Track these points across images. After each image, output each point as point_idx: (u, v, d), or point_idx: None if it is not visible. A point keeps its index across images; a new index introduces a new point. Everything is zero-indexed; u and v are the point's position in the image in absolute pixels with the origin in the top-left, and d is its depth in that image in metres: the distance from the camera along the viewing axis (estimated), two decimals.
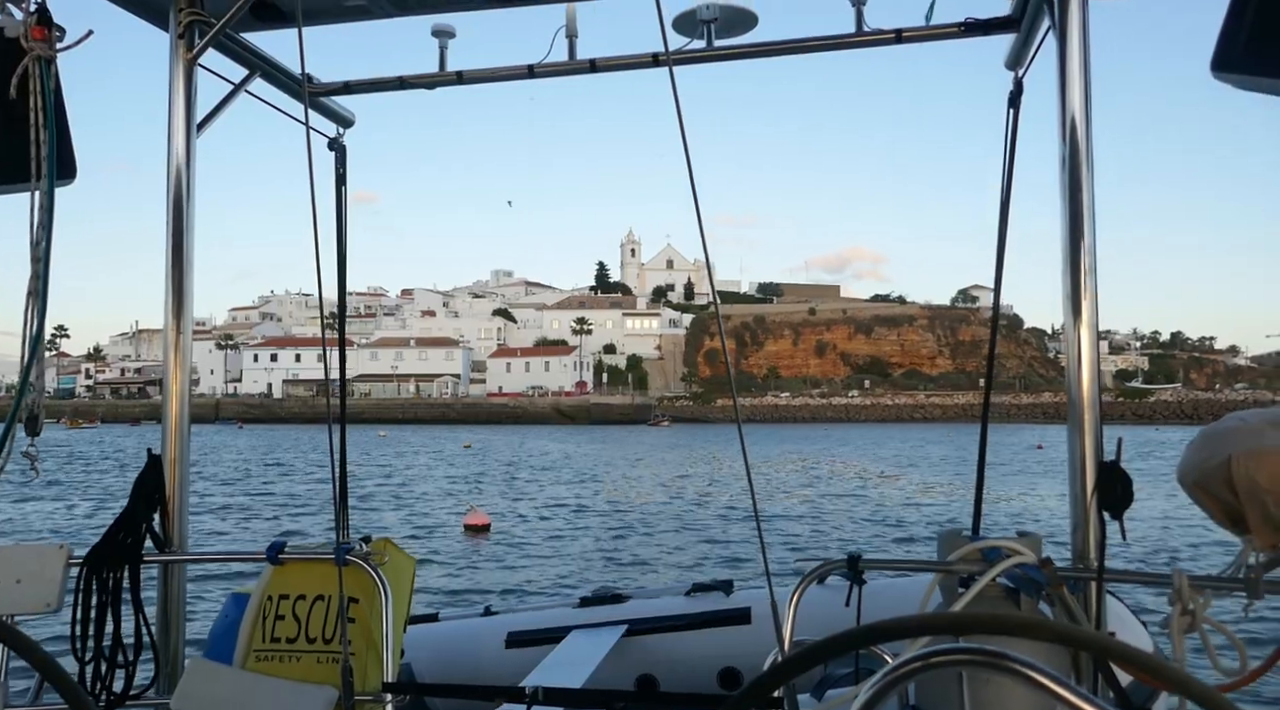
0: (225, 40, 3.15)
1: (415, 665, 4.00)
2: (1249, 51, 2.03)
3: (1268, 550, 2.02)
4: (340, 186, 3.48)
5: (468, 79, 3.26)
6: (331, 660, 2.81)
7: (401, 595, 2.99)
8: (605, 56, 3.10)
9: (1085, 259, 2.36)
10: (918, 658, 0.97)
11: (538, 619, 4.47)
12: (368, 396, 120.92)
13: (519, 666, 3.87)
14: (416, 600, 3.33)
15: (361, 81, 3.41)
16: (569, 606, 4.54)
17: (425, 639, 4.31)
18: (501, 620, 4.51)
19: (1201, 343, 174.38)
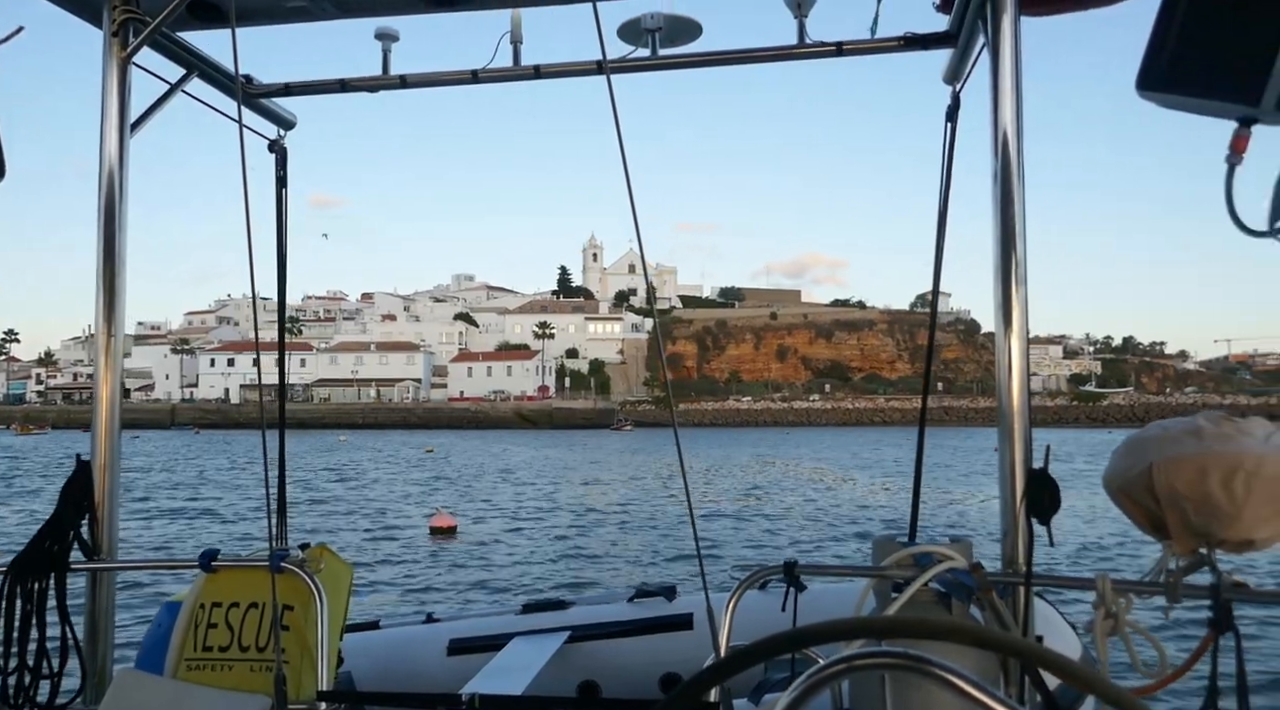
0: (161, 39, 3.06)
1: (355, 673, 3.94)
2: (1171, 72, 2.11)
3: (1186, 555, 2.12)
4: (281, 188, 3.42)
5: (411, 83, 3.20)
6: (265, 669, 2.77)
7: (338, 602, 2.95)
8: (549, 63, 3.07)
9: (1016, 269, 2.39)
10: (840, 661, 0.98)
11: (480, 626, 4.44)
12: (327, 401, 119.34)
13: (460, 674, 3.85)
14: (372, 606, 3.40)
15: (302, 83, 3.34)
16: (511, 614, 4.52)
17: (365, 647, 4.26)
18: (443, 627, 4.47)
19: (1152, 348, 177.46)
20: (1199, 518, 2.03)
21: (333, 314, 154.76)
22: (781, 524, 21.77)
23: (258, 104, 3.41)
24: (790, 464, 44.55)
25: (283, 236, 3.37)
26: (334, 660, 2.82)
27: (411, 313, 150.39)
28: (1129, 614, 2.16)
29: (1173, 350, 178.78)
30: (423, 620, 4.63)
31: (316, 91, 3.32)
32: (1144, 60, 2.15)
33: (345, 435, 79.29)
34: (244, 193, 2.42)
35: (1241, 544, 2.04)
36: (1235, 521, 2.00)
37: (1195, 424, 2.12)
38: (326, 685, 2.71)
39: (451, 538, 19.17)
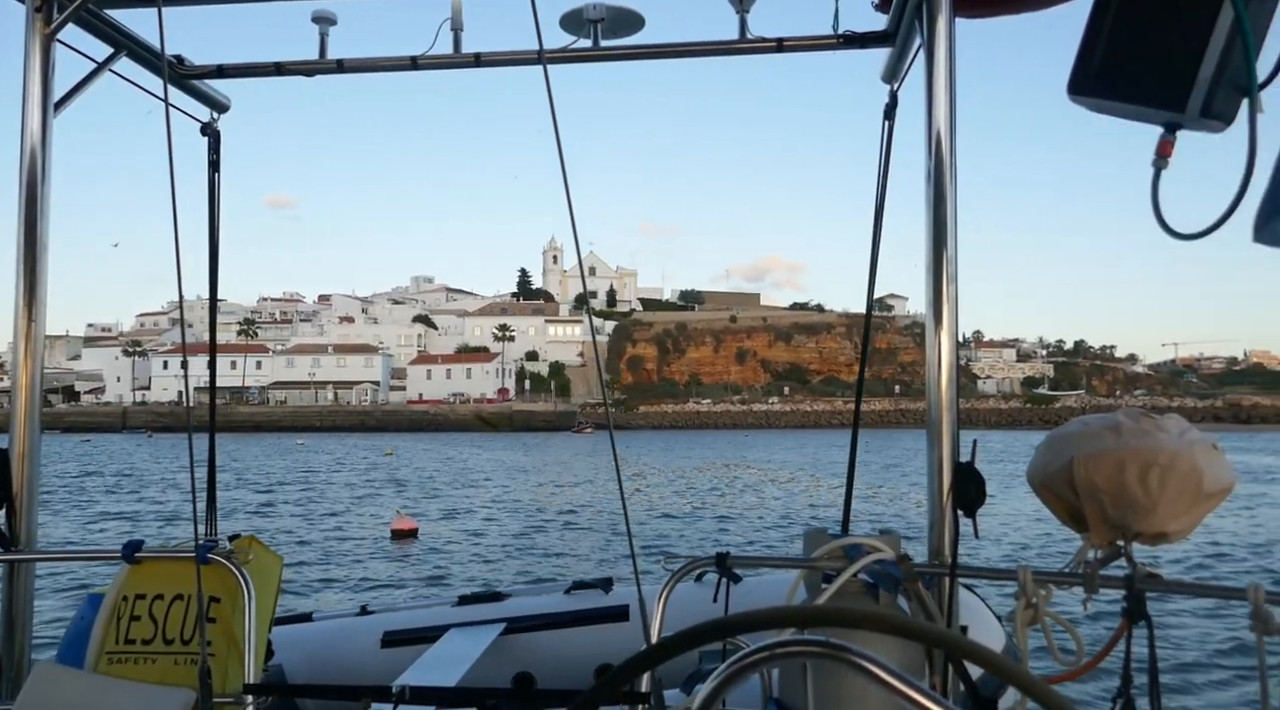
0: (87, 16, 2.98)
1: (287, 666, 3.91)
2: (1100, 77, 2.17)
3: (1104, 547, 2.18)
4: (214, 173, 3.34)
5: (348, 68, 3.14)
6: (190, 661, 2.72)
7: (267, 594, 2.91)
8: (490, 51, 3.04)
9: (947, 266, 2.43)
10: (761, 649, 0.99)
11: (415, 618, 4.42)
12: (284, 404, 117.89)
13: (394, 666, 3.82)
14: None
15: (236, 65, 3.26)
16: (447, 605, 4.50)
17: (298, 639, 4.23)
18: (377, 619, 4.44)
19: (1103, 351, 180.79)
20: (1116, 511, 2.11)
21: (289, 316, 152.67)
22: (733, 522, 22.06)
23: (189, 86, 3.32)
24: (746, 465, 44.85)
25: (215, 222, 3.32)
26: (262, 653, 2.79)
27: (370, 315, 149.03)
28: (1049, 604, 2.23)
29: (1123, 353, 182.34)
30: (356, 612, 4.60)
31: (251, 74, 3.25)
32: (1074, 65, 2.22)
33: (303, 439, 78.37)
34: (170, 176, 2.36)
35: (1156, 536, 2.12)
36: (1150, 514, 2.08)
37: (1114, 420, 2.19)
38: (254, 678, 2.69)
39: (413, 540, 19.10)
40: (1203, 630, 10.02)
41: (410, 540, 19.11)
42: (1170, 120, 2.11)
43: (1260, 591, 1.97)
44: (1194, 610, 10.45)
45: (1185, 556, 16.27)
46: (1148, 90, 2.09)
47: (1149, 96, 2.10)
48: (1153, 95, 2.09)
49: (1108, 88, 2.15)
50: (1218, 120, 2.06)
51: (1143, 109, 2.13)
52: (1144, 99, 2.11)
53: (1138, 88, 2.11)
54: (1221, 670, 8.74)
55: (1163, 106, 2.09)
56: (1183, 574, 14.62)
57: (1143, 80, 2.10)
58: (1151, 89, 2.09)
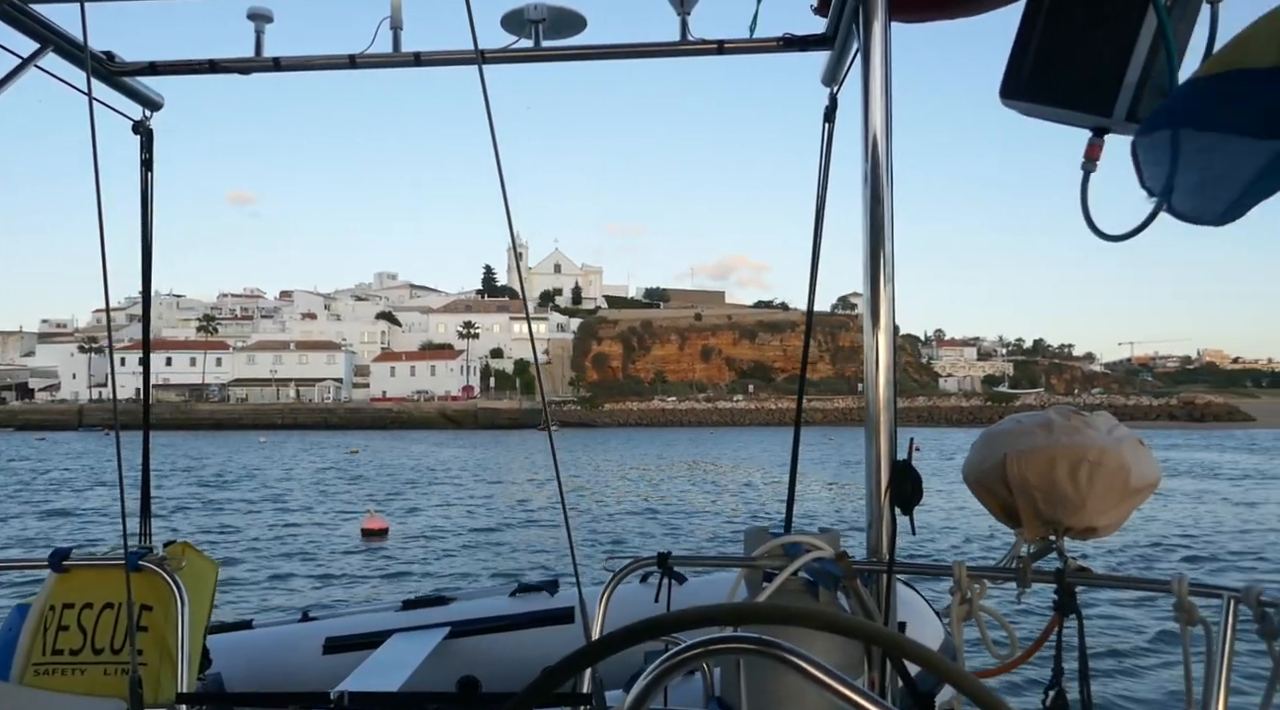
0: (11, 10, 2.89)
1: (226, 675, 3.83)
2: (1030, 82, 2.22)
3: (1036, 542, 2.23)
4: (146, 172, 3.26)
5: (285, 66, 3.09)
6: (121, 671, 2.66)
7: (201, 602, 2.86)
8: (430, 50, 2.99)
9: (884, 267, 2.44)
10: (691, 647, 0.99)
11: (357, 623, 4.37)
12: (245, 401, 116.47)
13: (336, 673, 3.78)
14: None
15: (169, 62, 3.18)
16: (391, 610, 4.47)
17: (238, 647, 4.17)
18: (319, 625, 4.39)
19: (1061, 350, 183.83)
20: (1047, 506, 2.16)
21: (250, 312, 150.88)
22: (693, 520, 22.17)
23: (120, 83, 3.25)
24: (710, 463, 45.01)
25: (148, 222, 3.25)
26: (196, 661, 2.74)
27: (332, 311, 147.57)
28: (983, 599, 2.27)
29: (1080, 352, 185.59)
30: (298, 619, 4.54)
31: (184, 71, 3.18)
32: (1006, 70, 2.27)
33: (265, 437, 77.44)
34: (95, 173, 2.33)
35: (1086, 531, 2.18)
36: (1080, 510, 2.14)
37: (1046, 418, 2.24)
38: (187, 687, 2.64)
39: (383, 539, 18.99)
40: (1136, 621, 10.28)
41: (381, 539, 19.00)
42: (1098, 124, 2.16)
43: (1183, 583, 2.03)
44: (1131, 601, 10.69)
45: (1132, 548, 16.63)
46: (1075, 95, 2.15)
47: (1077, 101, 2.15)
48: (1080, 100, 2.15)
49: (1037, 92, 2.21)
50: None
51: (1071, 113, 2.18)
52: (1072, 103, 2.16)
53: (1066, 92, 2.16)
54: (1153, 658, 9.00)
55: (1090, 111, 2.14)
56: (1138, 568, 14.94)
57: (1071, 85, 2.15)
58: (1079, 94, 2.14)
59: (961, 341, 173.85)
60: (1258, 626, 1.90)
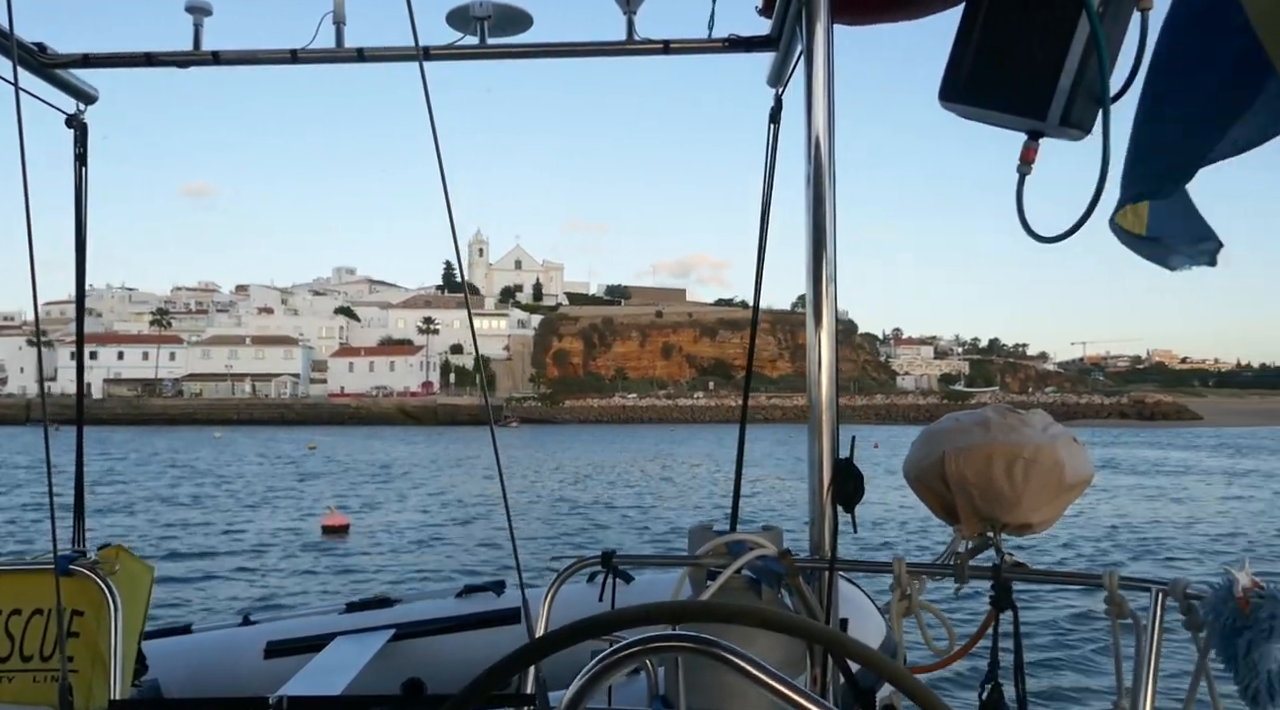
0: None
1: (164, 680, 3.74)
2: (968, 85, 2.24)
3: (974, 538, 2.25)
4: (81, 166, 3.17)
5: (224, 60, 3.00)
6: (50, 679, 2.61)
7: (135, 606, 2.80)
8: (373, 46, 2.94)
9: (826, 268, 2.44)
10: (628, 646, 0.98)
11: (300, 626, 4.31)
12: (199, 396, 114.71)
13: (278, 677, 3.71)
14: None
15: (103, 54, 3.07)
16: (334, 612, 4.40)
17: (176, 652, 4.08)
18: (260, 629, 4.32)
19: (1016, 349, 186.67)
20: (984, 503, 2.19)
21: (205, 306, 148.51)
22: (649, 516, 22.23)
23: (52, 75, 3.14)
24: (669, 460, 45.17)
25: (82, 217, 3.17)
26: (129, 667, 2.68)
27: (289, 306, 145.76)
28: (925, 595, 2.30)
29: (1034, 352, 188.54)
30: (239, 622, 4.48)
31: (120, 64, 3.09)
32: (945, 73, 2.30)
33: (220, 432, 76.28)
34: (22, 169, 2.26)
35: (1021, 527, 2.21)
36: (1016, 506, 2.17)
37: (984, 416, 2.27)
38: (120, 694, 2.58)
39: (344, 536, 18.81)
40: (1073, 614, 10.55)
41: (342, 536, 18.82)
42: (1033, 128, 2.20)
43: (1114, 577, 2.07)
44: (1068, 596, 10.93)
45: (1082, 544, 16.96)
46: (1011, 99, 2.18)
47: (1012, 105, 2.19)
48: (1016, 104, 2.18)
49: (975, 96, 2.23)
50: (1077, 129, 2.16)
51: (1007, 117, 2.22)
52: (1008, 107, 2.20)
53: (1002, 96, 2.20)
54: (1087, 650, 9.24)
55: (1025, 115, 2.18)
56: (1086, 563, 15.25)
57: (1007, 89, 2.18)
58: (1015, 98, 2.18)
59: (919, 340, 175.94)
60: (1184, 618, 1.95)
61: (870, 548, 16.27)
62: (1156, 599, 1.98)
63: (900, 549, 16.04)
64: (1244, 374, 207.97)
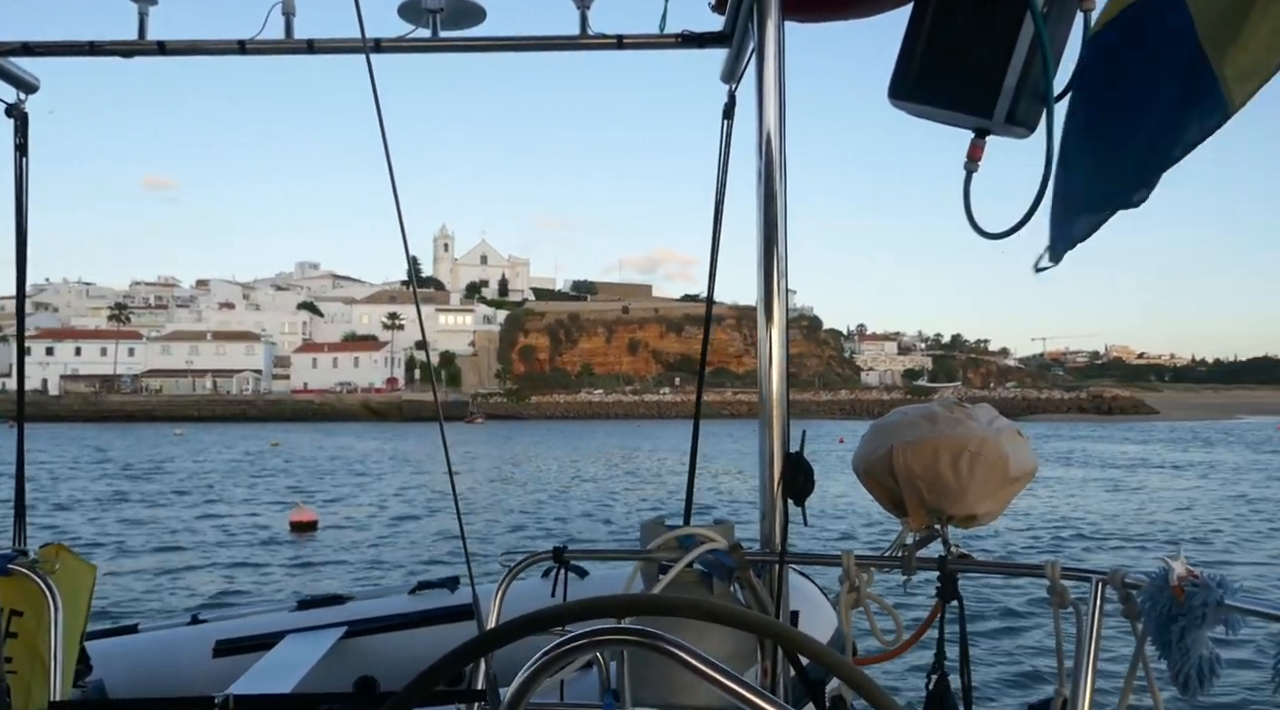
0: None
1: (109, 681, 3.68)
2: (917, 83, 2.26)
3: (921, 530, 2.28)
4: (21, 157, 3.11)
5: (170, 50, 2.95)
6: None
7: (77, 606, 2.77)
8: (324, 38, 2.90)
9: (778, 264, 2.44)
10: (571, 640, 0.98)
11: (249, 625, 4.26)
12: (159, 393, 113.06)
13: (227, 676, 3.66)
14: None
15: (45, 43, 3.01)
16: (285, 610, 4.36)
17: (122, 652, 4.02)
18: (209, 628, 4.26)
19: (978, 345, 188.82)
20: (931, 496, 2.22)
21: (165, 301, 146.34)
22: (610, 510, 22.30)
23: None
24: (634, 455, 45.25)
25: (23, 209, 3.11)
26: (71, 668, 2.65)
27: (251, 301, 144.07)
28: (872, 587, 2.33)
29: (996, 347, 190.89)
30: (187, 621, 4.41)
31: (62, 53, 3.04)
32: (894, 71, 2.31)
33: (181, 428, 75.20)
34: None
35: (967, 519, 2.25)
36: (962, 498, 2.21)
37: (930, 410, 2.30)
38: (61, 695, 2.55)
39: (313, 532, 18.66)
40: (1018, 604, 10.73)
41: (310, 532, 18.68)
42: (979, 126, 2.23)
43: (1056, 568, 2.12)
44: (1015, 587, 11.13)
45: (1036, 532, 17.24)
46: (958, 97, 2.21)
47: (959, 103, 2.22)
48: (963, 102, 2.21)
49: (923, 93, 2.26)
50: (1022, 127, 2.20)
51: (954, 114, 2.25)
52: (955, 105, 2.23)
53: (949, 94, 2.22)
54: (1030, 639, 9.46)
55: (971, 113, 2.21)
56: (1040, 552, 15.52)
57: (954, 87, 2.21)
58: (962, 96, 2.21)
59: (883, 336, 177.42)
60: (1123, 607, 1.99)
61: (833, 540, 16.45)
62: (1096, 588, 2.02)
63: (863, 541, 16.19)
64: (1198, 369, 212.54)
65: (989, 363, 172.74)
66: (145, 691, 3.80)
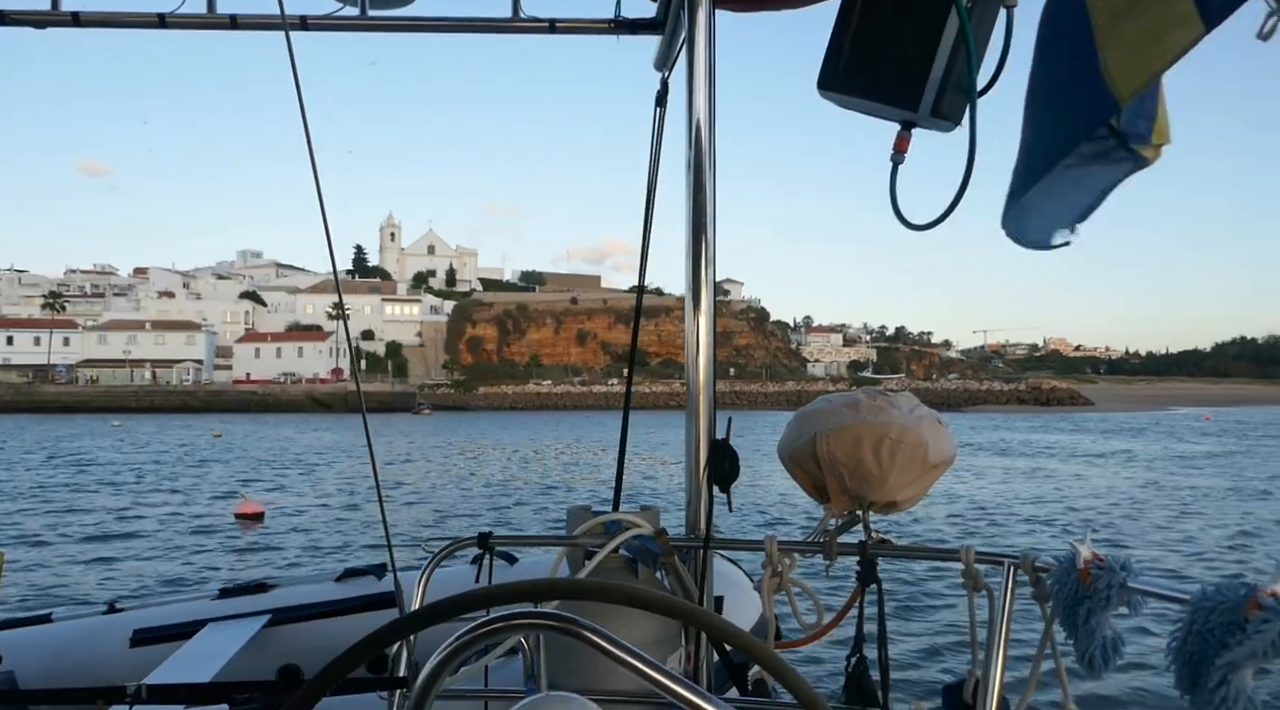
0: None
1: (21, 672, 3.65)
2: (845, 75, 2.29)
3: (842, 516, 2.32)
4: None
5: (85, 21, 2.87)
6: None
7: None
8: (247, 13, 2.85)
9: (706, 252, 2.45)
10: (483, 625, 0.98)
11: (169, 614, 4.20)
12: (96, 383, 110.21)
13: (144, 666, 3.61)
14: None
15: None
16: (206, 599, 4.32)
17: (35, 642, 3.95)
18: (126, 617, 4.19)
19: (921, 337, 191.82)
20: (853, 482, 2.26)
21: (101, 289, 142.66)
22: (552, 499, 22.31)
23: None
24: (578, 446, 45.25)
25: None
26: None
27: (192, 290, 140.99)
28: (795, 572, 2.37)
29: (938, 340, 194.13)
30: (103, 610, 4.33)
31: None
32: (823, 62, 2.34)
33: (119, 419, 73.41)
34: None
35: (888, 505, 2.29)
36: (882, 485, 2.25)
37: (854, 398, 2.34)
38: None
39: (259, 523, 18.44)
40: (937, 589, 11.01)
41: (257, 523, 18.46)
42: (905, 118, 2.26)
43: (970, 552, 2.16)
44: (937, 572, 11.40)
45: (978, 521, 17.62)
46: (884, 90, 2.24)
47: (886, 95, 2.25)
48: (889, 94, 2.24)
49: (850, 85, 2.29)
50: (947, 121, 2.23)
51: (881, 107, 2.28)
52: (881, 97, 2.26)
53: (876, 86, 2.25)
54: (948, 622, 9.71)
55: (898, 105, 2.24)
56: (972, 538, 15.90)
57: (881, 80, 2.24)
58: (887, 89, 2.23)
59: (829, 328, 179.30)
60: (1033, 590, 2.05)
61: (772, 526, 16.65)
62: (1008, 572, 2.07)
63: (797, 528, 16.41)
64: (1132, 361, 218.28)
65: (932, 355, 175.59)
66: (59, 683, 3.72)
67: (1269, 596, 1.39)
